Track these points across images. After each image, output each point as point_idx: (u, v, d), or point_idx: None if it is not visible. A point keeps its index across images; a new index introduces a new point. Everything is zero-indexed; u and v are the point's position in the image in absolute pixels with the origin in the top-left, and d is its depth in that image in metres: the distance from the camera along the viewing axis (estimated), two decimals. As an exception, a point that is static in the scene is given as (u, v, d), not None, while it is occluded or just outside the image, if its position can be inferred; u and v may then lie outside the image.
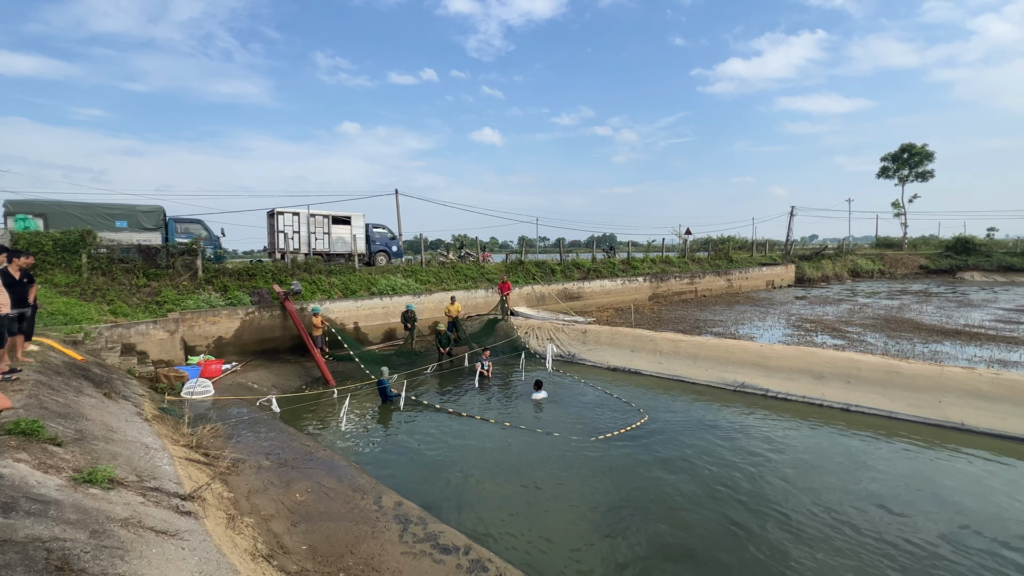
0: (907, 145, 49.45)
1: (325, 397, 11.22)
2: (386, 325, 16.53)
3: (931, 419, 8.85)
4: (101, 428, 5.60)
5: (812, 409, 9.83)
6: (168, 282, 14.23)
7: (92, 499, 3.60)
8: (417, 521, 5.54)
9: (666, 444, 8.23)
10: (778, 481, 6.87)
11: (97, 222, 14.98)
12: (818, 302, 25.16)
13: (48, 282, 12.54)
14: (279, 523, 5.24)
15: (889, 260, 42.85)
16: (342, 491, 6.18)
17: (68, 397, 6.17)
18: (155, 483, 4.55)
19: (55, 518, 3.08)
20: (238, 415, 9.21)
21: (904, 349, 13.61)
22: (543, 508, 6.30)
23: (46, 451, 4.20)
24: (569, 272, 24.45)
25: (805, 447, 8.05)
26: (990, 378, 8.95)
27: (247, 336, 13.92)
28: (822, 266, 38.21)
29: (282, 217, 18.48)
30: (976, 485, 6.73)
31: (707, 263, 32.30)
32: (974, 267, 39.01)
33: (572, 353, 14.66)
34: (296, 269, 16.72)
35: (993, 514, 5.99)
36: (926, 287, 31.91)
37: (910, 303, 23.78)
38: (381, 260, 20.96)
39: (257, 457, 7.06)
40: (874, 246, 51.93)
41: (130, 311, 12.65)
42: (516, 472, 7.34)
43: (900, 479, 6.88)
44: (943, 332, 16.01)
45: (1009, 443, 7.97)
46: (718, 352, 12.27)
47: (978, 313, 20.19)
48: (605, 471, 7.32)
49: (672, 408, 10.14)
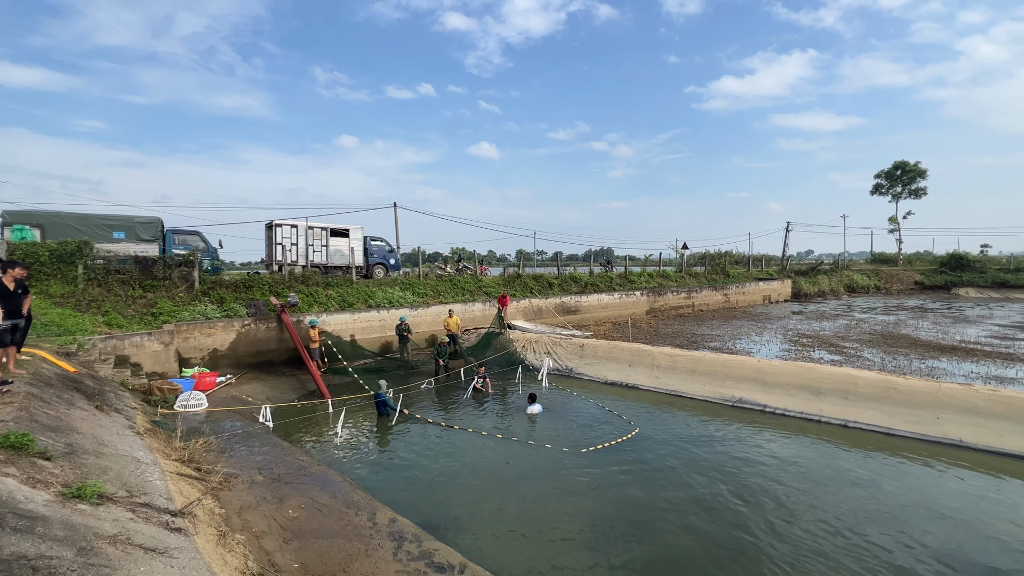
0: (900, 163, 50.18)
1: (320, 410, 11.11)
2: (383, 338, 16.46)
3: (929, 436, 8.82)
4: (92, 442, 5.52)
5: (810, 425, 9.78)
6: (164, 293, 14.17)
7: (80, 515, 3.53)
8: (412, 538, 5.45)
9: (661, 459, 8.16)
10: (774, 499, 6.80)
11: (95, 233, 14.97)
12: (815, 317, 25.23)
13: (43, 293, 12.47)
14: (271, 540, 5.15)
15: (884, 276, 43.13)
16: (336, 507, 6.09)
17: (59, 410, 6.09)
18: (145, 498, 4.47)
19: (42, 535, 3.02)
20: (231, 428, 9.10)
21: (901, 365, 13.62)
22: (539, 525, 6.21)
23: (35, 465, 4.13)
24: (566, 286, 24.49)
25: (805, 464, 7.99)
26: (987, 395, 8.94)
27: (243, 348, 13.83)
28: (818, 281, 38.39)
29: (280, 229, 18.50)
30: (976, 505, 6.67)
31: (704, 278, 32.42)
32: (969, 283, 39.28)
33: (569, 367, 14.60)
34: (293, 281, 16.69)
35: (992, 536, 5.93)
36: (922, 303, 32.07)
37: (906, 319, 23.86)
38: (379, 273, 20.95)
39: (250, 472, 6.96)
40: (869, 262, 52.29)
41: (125, 322, 12.57)
42: (512, 487, 7.26)
43: (899, 497, 6.83)
44: (939, 348, 16.05)
45: (1009, 461, 7.93)
46: (716, 367, 12.24)
47: (974, 329, 20.26)
48: (599, 486, 7.25)
49: (667, 423, 10.07)
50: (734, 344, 17.55)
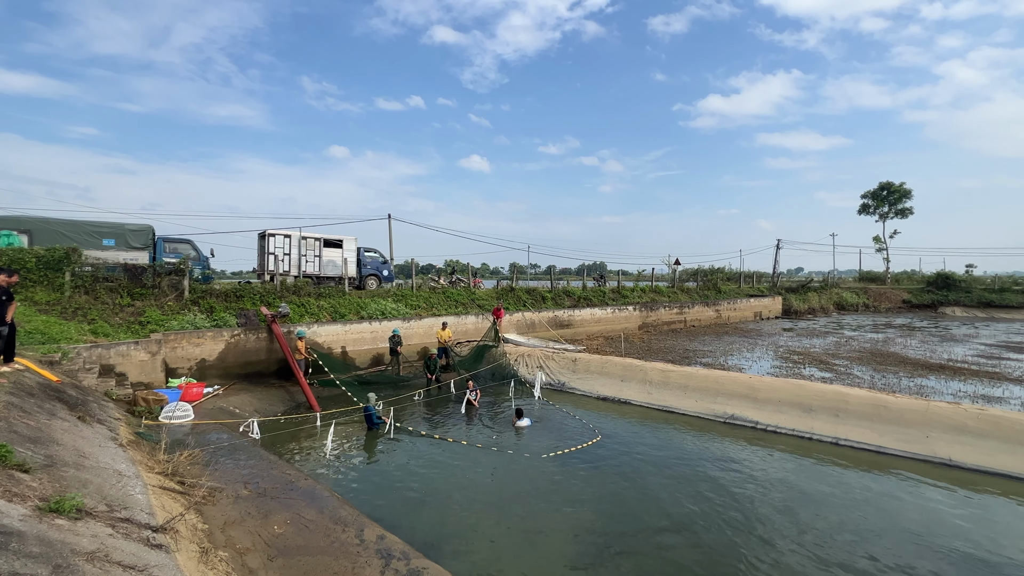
0: (886, 183, 51.17)
1: (309, 423, 10.93)
2: (374, 350, 16.31)
3: (920, 454, 8.84)
4: (73, 453, 5.37)
5: (802, 443, 9.78)
6: (153, 302, 13.98)
7: (58, 530, 3.42)
8: (400, 556, 5.33)
9: (656, 474, 8.11)
10: (766, 519, 6.77)
11: (84, 240, 14.79)
12: (805, 334, 25.41)
13: (28, 300, 12.24)
14: (255, 557, 5.01)
15: (873, 294, 43.65)
16: (323, 523, 5.95)
17: (40, 420, 5.93)
18: (126, 513, 4.34)
19: (16, 551, 2.91)
20: (217, 441, 8.91)
21: (890, 383, 13.71)
22: (532, 543, 6.11)
23: (12, 478, 4.01)
24: (560, 300, 24.51)
25: (796, 482, 7.97)
26: (975, 414, 9.01)
27: (231, 359, 13.63)
28: (808, 299, 38.76)
29: (273, 239, 18.40)
30: (970, 526, 6.67)
31: (696, 293, 32.61)
32: (955, 302, 39.85)
33: (562, 381, 14.54)
34: (285, 291, 16.55)
35: (982, 558, 5.93)
36: (910, 321, 32.45)
37: (895, 337, 24.11)
38: (372, 284, 20.86)
39: (235, 486, 6.80)
40: (858, 280, 52.90)
41: (112, 331, 12.35)
42: (504, 503, 7.16)
43: (893, 518, 6.82)
44: (928, 366, 16.20)
45: (1000, 480, 7.96)
46: (708, 383, 12.25)
47: (961, 348, 20.50)
48: (586, 499, 7.19)
49: (656, 437, 10.03)
50: (726, 360, 17.60)
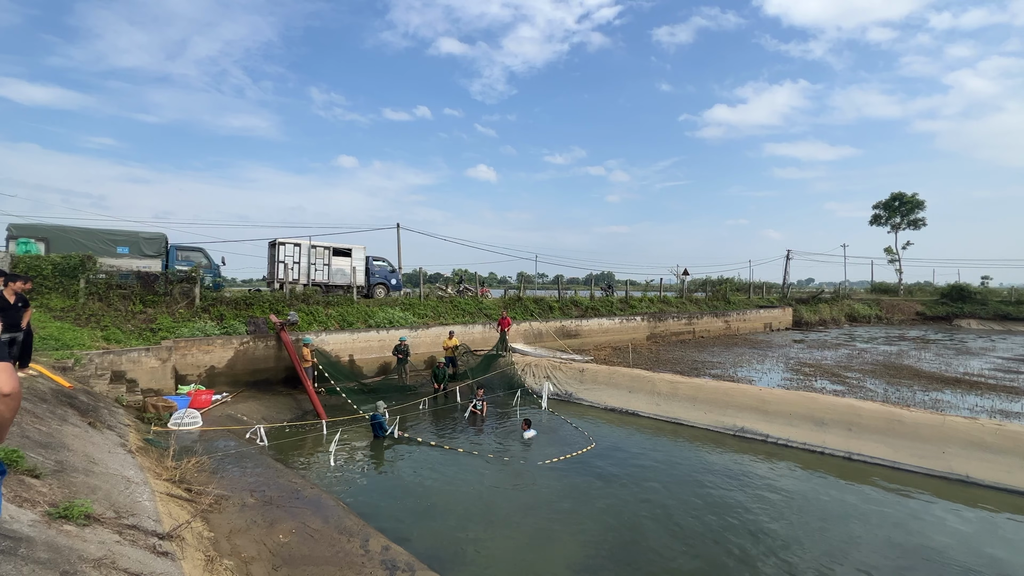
0: (897, 194, 50.73)
1: (315, 431, 10.94)
2: (382, 358, 16.34)
3: (936, 471, 8.63)
4: (83, 459, 5.42)
5: (813, 457, 9.60)
6: (165, 309, 14.15)
7: (66, 536, 3.43)
8: (405, 568, 5.29)
9: (660, 489, 7.99)
10: (779, 540, 6.63)
11: (99, 247, 15.05)
12: (816, 346, 25.07)
13: (44, 306, 12.46)
14: (259, 566, 5.00)
15: (886, 306, 43.05)
16: (328, 533, 5.93)
17: (51, 426, 6.00)
18: (133, 520, 4.36)
19: (24, 557, 2.93)
20: (225, 448, 8.95)
21: (904, 396, 13.45)
22: (535, 554, 6.03)
23: (23, 483, 4.05)
24: (567, 309, 24.44)
25: (813, 499, 7.81)
26: (993, 429, 8.79)
27: (240, 366, 13.72)
28: (819, 310, 38.31)
29: (283, 247, 18.60)
30: (998, 548, 6.49)
31: (705, 304, 32.36)
32: (970, 315, 39.17)
33: (569, 392, 14.45)
34: (294, 299, 16.68)
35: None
36: (924, 334, 31.91)
37: (908, 350, 23.70)
38: (380, 292, 20.96)
39: (242, 494, 6.81)
40: (870, 291, 52.27)
41: (124, 337, 12.51)
42: (508, 515, 7.08)
43: (915, 538, 6.65)
44: (943, 380, 15.88)
45: (1018, 498, 7.74)
46: (717, 395, 12.10)
47: (977, 361, 20.10)
48: (593, 512, 7.10)
49: (672, 452, 9.90)
50: (735, 372, 17.39)
